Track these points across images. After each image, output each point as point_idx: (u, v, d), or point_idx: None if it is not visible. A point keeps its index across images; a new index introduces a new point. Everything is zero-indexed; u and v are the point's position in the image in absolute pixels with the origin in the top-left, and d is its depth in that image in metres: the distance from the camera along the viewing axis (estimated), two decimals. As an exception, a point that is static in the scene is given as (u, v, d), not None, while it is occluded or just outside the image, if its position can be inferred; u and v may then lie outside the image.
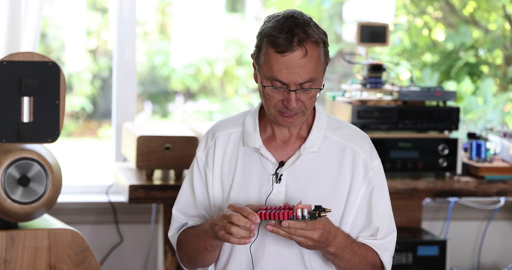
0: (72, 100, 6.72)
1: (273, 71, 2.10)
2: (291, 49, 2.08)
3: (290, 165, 2.21)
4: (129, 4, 3.80)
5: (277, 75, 2.10)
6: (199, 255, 2.24)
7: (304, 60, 2.09)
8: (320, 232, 2.07)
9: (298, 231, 2.04)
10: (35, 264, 2.73)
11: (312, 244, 2.08)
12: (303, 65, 2.09)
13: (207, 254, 2.23)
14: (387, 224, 2.25)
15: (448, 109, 3.37)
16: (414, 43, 5.02)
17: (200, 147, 2.32)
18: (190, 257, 2.28)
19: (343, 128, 2.28)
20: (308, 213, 2.03)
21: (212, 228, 2.14)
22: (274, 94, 2.13)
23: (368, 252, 2.22)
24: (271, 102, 2.14)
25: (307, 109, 2.15)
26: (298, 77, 2.09)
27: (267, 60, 2.12)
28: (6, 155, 2.71)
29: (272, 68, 2.10)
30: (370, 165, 2.24)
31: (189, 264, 2.32)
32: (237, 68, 6.63)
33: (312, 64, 2.10)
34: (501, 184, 3.36)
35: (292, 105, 2.11)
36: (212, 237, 2.16)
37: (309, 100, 2.14)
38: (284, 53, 2.09)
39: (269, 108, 2.16)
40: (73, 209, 3.71)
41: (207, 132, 2.33)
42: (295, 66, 2.09)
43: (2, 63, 2.70)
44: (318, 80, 2.13)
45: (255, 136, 2.24)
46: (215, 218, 2.14)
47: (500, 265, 4.09)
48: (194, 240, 2.24)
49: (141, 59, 6.64)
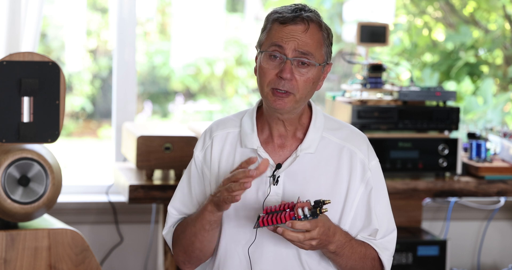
0: (72, 100, 6.72)
1: (274, 38, 2.14)
2: (293, 21, 2.13)
3: (287, 167, 2.20)
4: (129, 4, 3.80)
5: (277, 41, 2.13)
6: (196, 240, 2.21)
7: (305, 34, 2.13)
8: (322, 230, 2.07)
9: (305, 236, 2.05)
10: (35, 264, 2.73)
11: (315, 244, 2.08)
12: (303, 37, 2.13)
13: (204, 235, 2.20)
14: (386, 224, 2.25)
15: (448, 109, 3.37)
16: (414, 43, 5.02)
17: (197, 146, 2.32)
18: (187, 246, 2.25)
19: (341, 129, 2.27)
20: (309, 211, 2.03)
21: (213, 202, 2.13)
22: (269, 66, 2.14)
23: (367, 249, 2.22)
24: (266, 76, 2.15)
25: (299, 91, 2.14)
26: (296, 44, 2.12)
27: (269, 33, 2.16)
28: (6, 155, 2.71)
29: (273, 37, 2.14)
30: (368, 165, 2.23)
31: (185, 257, 2.29)
32: (237, 68, 6.63)
33: (312, 41, 2.14)
34: (501, 184, 3.37)
35: (286, 74, 2.11)
36: (210, 212, 2.15)
37: (303, 80, 2.14)
38: (287, 23, 2.13)
39: (262, 86, 2.16)
40: (73, 209, 3.71)
41: (204, 131, 2.33)
42: (295, 36, 2.13)
43: (2, 63, 2.70)
44: (315, 59, 2.15)
45: (252, 137, 2.23)
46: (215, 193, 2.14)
47: (500, 265, 4.09)
48: (190, 225, 2.22)
49: (141, 59, 6.64)
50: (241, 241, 2.21)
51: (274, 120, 2.22)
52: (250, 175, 2.04)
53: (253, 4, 6.80)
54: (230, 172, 2.11)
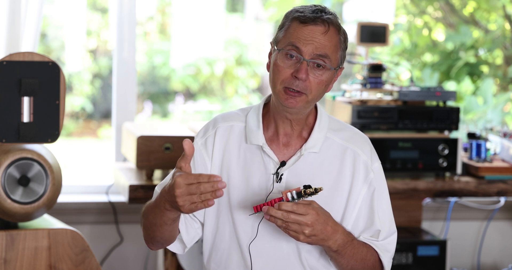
0: (72, 100, 6.72)
1: (292, 38, 2.13)
2: (314, 21, 2.13)
3: (291, 165, 2.21)
4: (129, 4, 3.80)
5: (295, 41, 2.13)
6: (157, 230, 2.17)
7: (324, 36, 2.13)
8: (315, 218, 2.05)
9: (290, 216, 2.03)
10: (35, 264, 2.73)
11: (309, 233, 2.06)
12: (322, 40, 2.13)
13: (166, 228, 2.16)
14: (387, 225, 2.25)
15: (448, 109, 3.37)
16: (414, 43, 5.02)
17: (199, 134, 2.30)
18: (149, 232, 2.21)
19: (344, 130, 2.28)
20: (296, 194, 2.05)
21: (169, 203, 2.03)
22: (285, 64, 2.14)
23: (369, 250, 2.22)
24: (280, 74, 2.14)
25: (312, 92, 2.15)
26: (314, 47, 2.12)
27: (287, 31, 2.16)
28: (6, 155, 2.71)
29: (291, 36, 2.14)
30: (371, 167, 2.24)
31: (148, 239, 2.24)
32: (237, 68, 6.64)
33: (330, 43, 2.14)
34: (501, 184, 3.37)
35: (302, 75, 2.11)
36: (169, 211, 2.07)
37: (317, 81, 2.14)
38: (307, 23, 2.13)
39: (275, 83, 2.16)
40: (73, 209, 3.71)
41: (208, 122, 2.32)
42: (314, 37, 2.12)
43: (2, 63, 2.70)
44: (331, 62, 2.15)
45: (258, 134, 2.24)
46: (167, 194, 2.03)
47: (500, 265, 4.10)
48: (151, 215, 2.16)
49: (141, 59, 6.64)
50: (242, 238, 2.21)
51: (281, 118, 2.23)
52: (218, 188, 1.96)
53: (253, 4, 6.80)
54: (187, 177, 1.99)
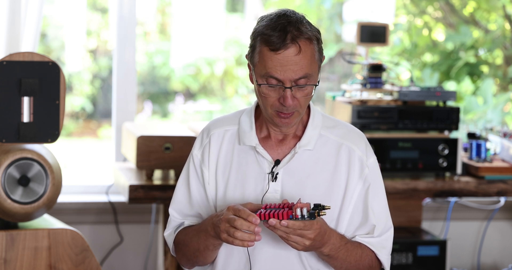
0: (72, 100, 6.72)
1: (268, 69, 2.11)
2: (284, 46, 2.09)
3: (285, 164, 2.21)
4: (129, 4, 3.80)
5: (272, 72, 2.11)
6: (200, 255, 2.24)
7: (298, 57, 2.10)
8: (317, 232, 2.07)
9: (296, 231, 2.05)
10: (35, 264, 2.73)
11: (309, 244, 2.08)
12: (297, 62, 2.10)
13: (208, 253, 2.23)
14: (383, 221, 2.25)
15: (448, 109, 3.37)
16: (414, 43, 5.02)
17: (195, 145, 2.33)
18: (190, 256, 2.28)
19: (338, 127, 2.28)
20: (307, 212, 2.03)
21: (213, 229, 2.14)
22: (270, 93, 2.13)
23: (364, 251, 2.22)
24: (268, 101, 2.15)
25: (301, 107, 2.16)
26: (293, 73, 2.10)
27: (261, 58, 2.12)
28: (6, 155, 2.71)
29: (266, 66, 2.11)
30: (366, 162, 2.24)
31: (187, 263, 2.33)
32: (237, 68, 6.63)
33: (306, 61, 2.11)
34: (501, 184, 3.36)
35: (288, 102, 2.11)
36: (213, 237, 2.16)
37: (304, 97, 2.14)
38: (278, 50, 2.10)
39: (266, 108, 2.17)
40: (73, 209, 3.71)
41: (202, 130, 2.34)
42: (289, 63, 2.10)
43: (2, 63, 2.70)
44: (312, 77, 2.14)
45: (251, 135, 2.24)
46: (215, 219, 2.14)
47: (500, 265, 4.09)
48: (194, 240, 2.23)
49: (141, 59, 6.64)
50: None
51: (274, 128, 2.25)
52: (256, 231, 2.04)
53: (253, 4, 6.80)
54: (234, 207, 2.09)
